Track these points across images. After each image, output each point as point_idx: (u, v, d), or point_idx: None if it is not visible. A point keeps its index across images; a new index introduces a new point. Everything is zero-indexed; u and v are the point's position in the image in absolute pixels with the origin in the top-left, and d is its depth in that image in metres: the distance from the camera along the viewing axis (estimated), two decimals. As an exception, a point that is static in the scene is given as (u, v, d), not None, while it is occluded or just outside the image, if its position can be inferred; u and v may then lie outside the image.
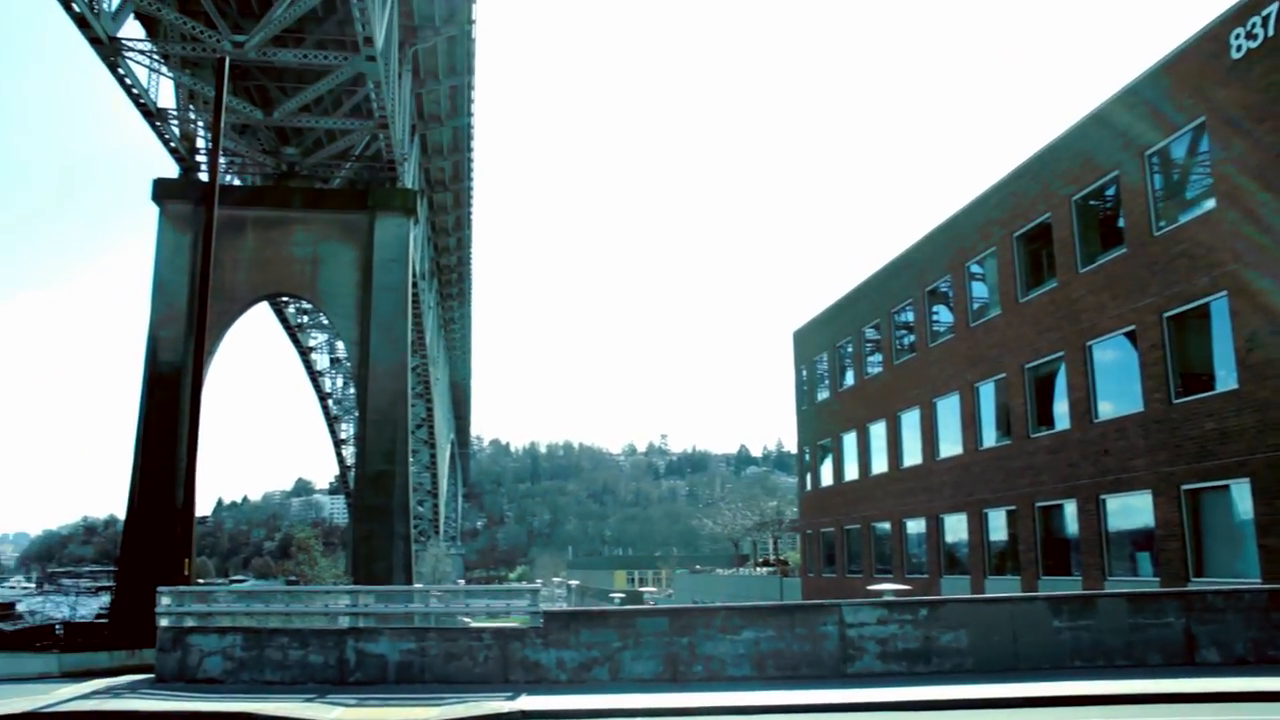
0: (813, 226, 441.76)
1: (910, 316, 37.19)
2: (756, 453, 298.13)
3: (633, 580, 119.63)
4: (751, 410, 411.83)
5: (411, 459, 48.03)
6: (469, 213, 75.36)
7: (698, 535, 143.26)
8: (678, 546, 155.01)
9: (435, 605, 18.00)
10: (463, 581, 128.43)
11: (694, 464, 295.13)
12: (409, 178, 52.50)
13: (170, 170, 47.20)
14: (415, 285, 55.62)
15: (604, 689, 15.06)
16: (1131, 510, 24.08)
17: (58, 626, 51.56)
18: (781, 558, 78.76)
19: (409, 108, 52.15)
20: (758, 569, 77.48)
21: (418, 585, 47.63)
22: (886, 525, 38.06)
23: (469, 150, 63.30)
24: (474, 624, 19.06)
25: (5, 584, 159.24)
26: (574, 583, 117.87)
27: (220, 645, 16.41)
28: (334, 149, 49.09)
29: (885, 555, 38.23)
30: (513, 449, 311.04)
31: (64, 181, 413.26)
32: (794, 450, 57.64)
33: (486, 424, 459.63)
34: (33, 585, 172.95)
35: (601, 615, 16.93)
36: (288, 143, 49.53)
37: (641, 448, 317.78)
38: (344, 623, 17.25)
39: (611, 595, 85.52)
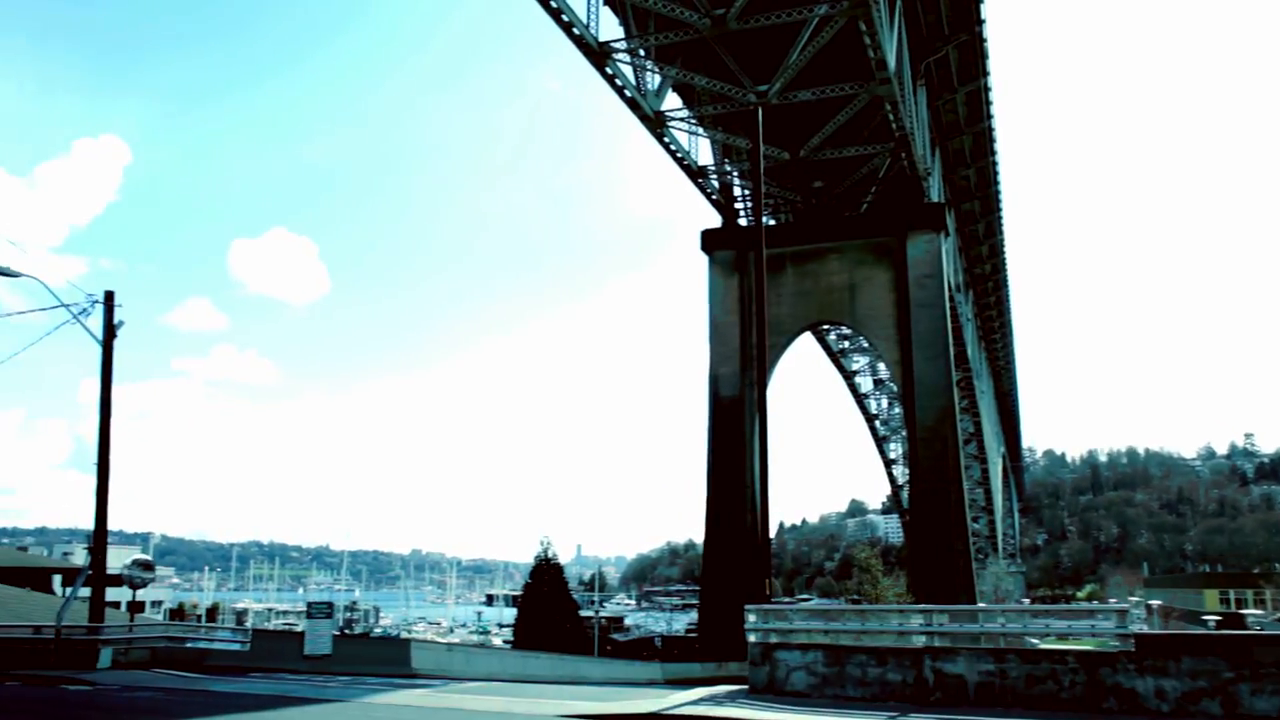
0: None
1: None
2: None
3: (1226, 600, 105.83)
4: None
5: (963, 475, 47.12)
6: (999, 218, 72.81)
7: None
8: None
9: (1012, 625, 17.40)
10: (1027, 600, 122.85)
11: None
12: (934, 192, 52.12)
13: (701, 219, 51.58)
14: (951, 299, 54.85)
15: (1219, 725, 13.54)
16: None
17: (657, 639, 58.58)
18: None
19: (926, 122, 51.84)
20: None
21: (982, 605, 46.55)
22: None
23: (993, 154, 61.27)
24: (1043, 645, 18.22)
25: (612, 601, 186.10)
26: (1154, 603, 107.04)
27: (803, 661, 17.29)
28: (857, 175, 50.27)
29: None
30: (1069, 459, 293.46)
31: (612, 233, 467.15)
32: None
33: (1038, 434, 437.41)
34: (633, 602, 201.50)
35: (1206, 640, 15.25)
36: (813, 177, 51.55)
37: (1221, 449, 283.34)
38: (918, 642, 17.34)
39: (1203, 617, 76.63)
